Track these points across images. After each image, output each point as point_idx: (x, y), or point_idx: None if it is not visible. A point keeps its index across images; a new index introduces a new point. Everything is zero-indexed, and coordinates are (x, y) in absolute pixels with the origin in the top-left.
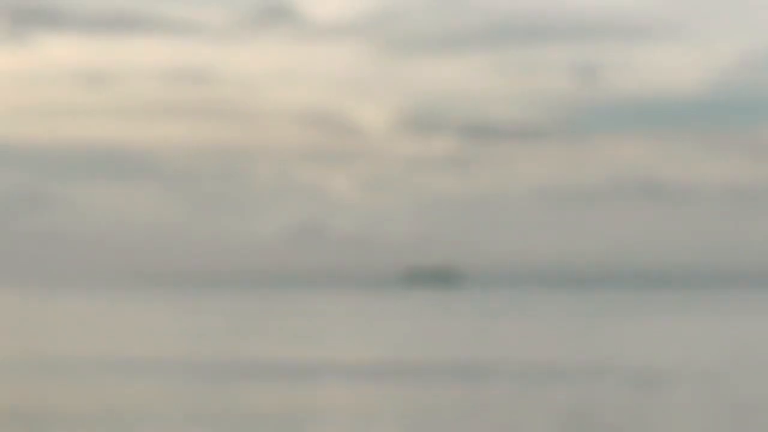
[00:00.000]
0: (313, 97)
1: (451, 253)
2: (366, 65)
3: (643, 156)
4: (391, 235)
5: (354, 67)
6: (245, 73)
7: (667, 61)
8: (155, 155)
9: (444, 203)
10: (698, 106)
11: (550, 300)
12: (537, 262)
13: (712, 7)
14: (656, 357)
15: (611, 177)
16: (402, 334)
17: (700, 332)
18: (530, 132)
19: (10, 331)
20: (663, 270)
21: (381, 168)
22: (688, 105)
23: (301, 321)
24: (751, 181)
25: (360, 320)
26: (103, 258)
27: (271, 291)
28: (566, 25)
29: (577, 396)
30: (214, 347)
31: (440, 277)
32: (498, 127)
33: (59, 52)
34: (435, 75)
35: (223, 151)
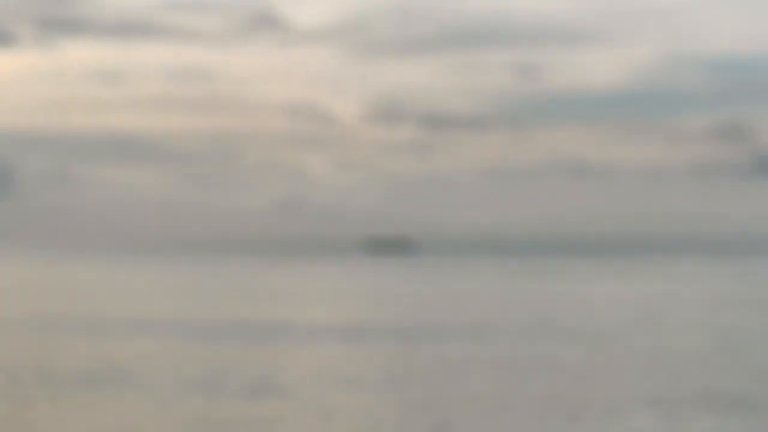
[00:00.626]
0: (295, 92)
1: (409, 225)
2: (339, 65)
3: (573, 141)
4: (359, 209)
5: (329, 67)
6: (238, 71)
7: (594, 62)
8: (161, 141)
9: (404, 182)
10: (620, 100)
11: (494, 265)
12: (483, 233)
13: (633, 16)
14: (582, 315)
15: (546, 159)
16: (363, 298)
17: (617, 293)
18: (478, 122)
19: (38, 291)
20: (589, 237)
21: (351, 152)
22: (611, 99)
23: (281, 284)
24: (664, 162)
25: (329, 285)
26: (118, 227)
27: (258, 256)
28: (509, 32)
29: (515, 350)
30: (207, 308)
31: (398, 246)
32: (451, 118)
33: (80, 54)
34: (398, 74)
35: (219, 137)
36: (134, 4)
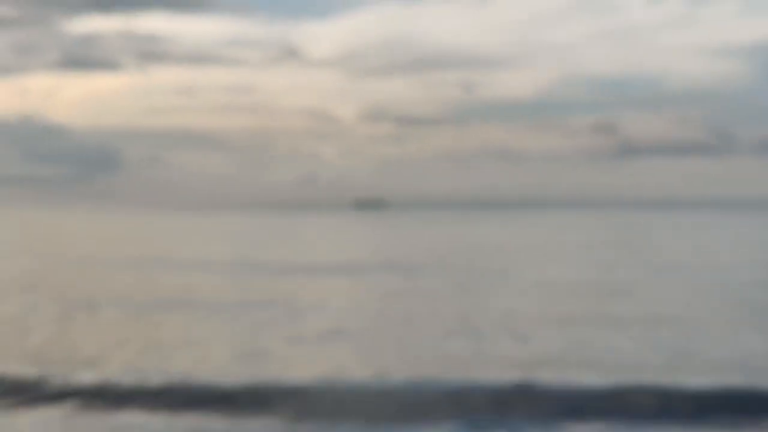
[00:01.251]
0: (311, 101)
1: (387, 191)
2: (341, 82)
3: (499, 135)
4: (354, 180)
5: (334, 84)
6: (272, 87)
7: (515, 79)
8: (221, 136)
9: (385, 162)
10: (530, 106)
11: (445, 218)
12: (438, 196)
13: (539, 47)
14: (499, 255)
15: (481, 147)
16: (356, 242)
17: (525, 237)
18: (435, 121)
19: (136, 239)
20: (510, 200)
21: (350, 142)
22: (525, 105)
23: (299, 232)
24: (560, 149)
25: (331, 232)
26: (193, 194)
27: (284, 213)
28: (455, 59)
29: (454, 280)
30: (252, 251)
31: (378, 205)
32: (417, 119)
33: (165, 76)
34: (381, 88)
35: (259, 133)
36: (202, 41)
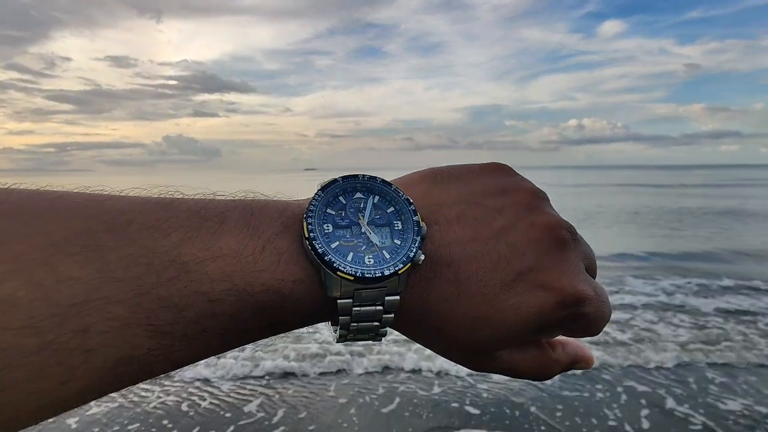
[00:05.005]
0: (295, 128)
1: (318, 164)
2: (308, 121)
3: (369, 143)
4: (309, 160)
5: (305, 121)
6: (280, 122)
7: (376, 121)
8: (258, 142)
9: (323, 153)
10: (382, 130)
11: None
12: (341, 167)
13: (385, 107)
14: None
15: (351, 151)
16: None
17: None
18: (344, 136)
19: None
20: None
21: (310, 145)
22: (381, 129)
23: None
24: (398, 147)
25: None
26: (250, 168)
27: (285, 176)
28: (351, 112)
29: None
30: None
31: (313, 169)
32: (338, 135)
33: (237, 119)
34: (323, 123)
35: (274, 141)
36: (252, 104)
